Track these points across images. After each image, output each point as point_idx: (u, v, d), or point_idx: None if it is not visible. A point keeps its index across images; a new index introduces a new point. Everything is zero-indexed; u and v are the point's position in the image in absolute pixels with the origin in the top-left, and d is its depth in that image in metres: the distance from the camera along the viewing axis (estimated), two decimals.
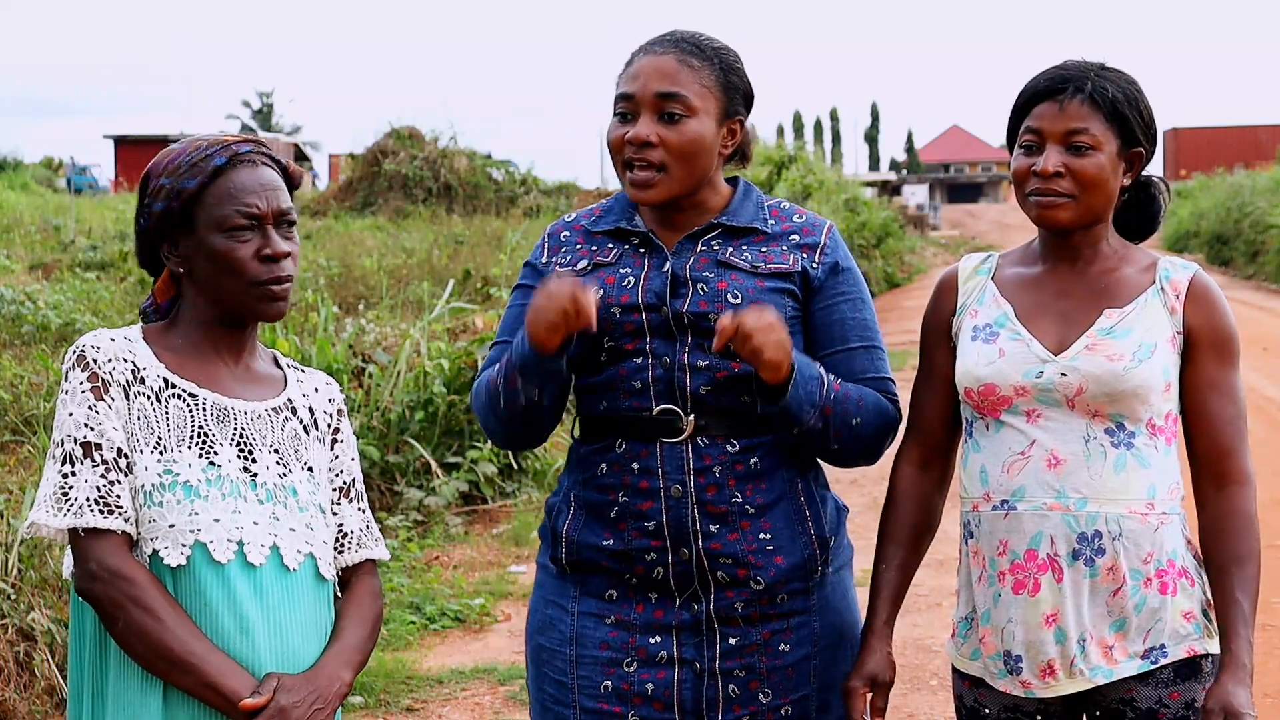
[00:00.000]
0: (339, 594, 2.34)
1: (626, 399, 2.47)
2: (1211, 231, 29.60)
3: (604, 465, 2.49)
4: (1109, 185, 2.40)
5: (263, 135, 46.06)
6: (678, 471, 2.45)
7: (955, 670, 2.54)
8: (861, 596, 2.58)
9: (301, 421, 2.31)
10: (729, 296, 2.46)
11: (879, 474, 10.04)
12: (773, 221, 2.56)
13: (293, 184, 2.32)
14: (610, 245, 2.55)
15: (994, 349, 2.43)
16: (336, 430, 2.38)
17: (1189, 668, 2.38)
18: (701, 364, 2.45)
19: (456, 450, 7.97)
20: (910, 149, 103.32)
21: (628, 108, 2.49)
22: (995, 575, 2.43)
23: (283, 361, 2.39)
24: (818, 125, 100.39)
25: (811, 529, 2.51)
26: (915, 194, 56.32)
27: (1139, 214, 2.53)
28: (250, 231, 2.21)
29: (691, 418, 2.45)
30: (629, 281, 2.49)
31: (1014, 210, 45.44)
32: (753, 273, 2.49)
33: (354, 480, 2.39)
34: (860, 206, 26.37)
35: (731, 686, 2.47)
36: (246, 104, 78.41)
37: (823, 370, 2.45)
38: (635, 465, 2.46)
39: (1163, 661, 2.37)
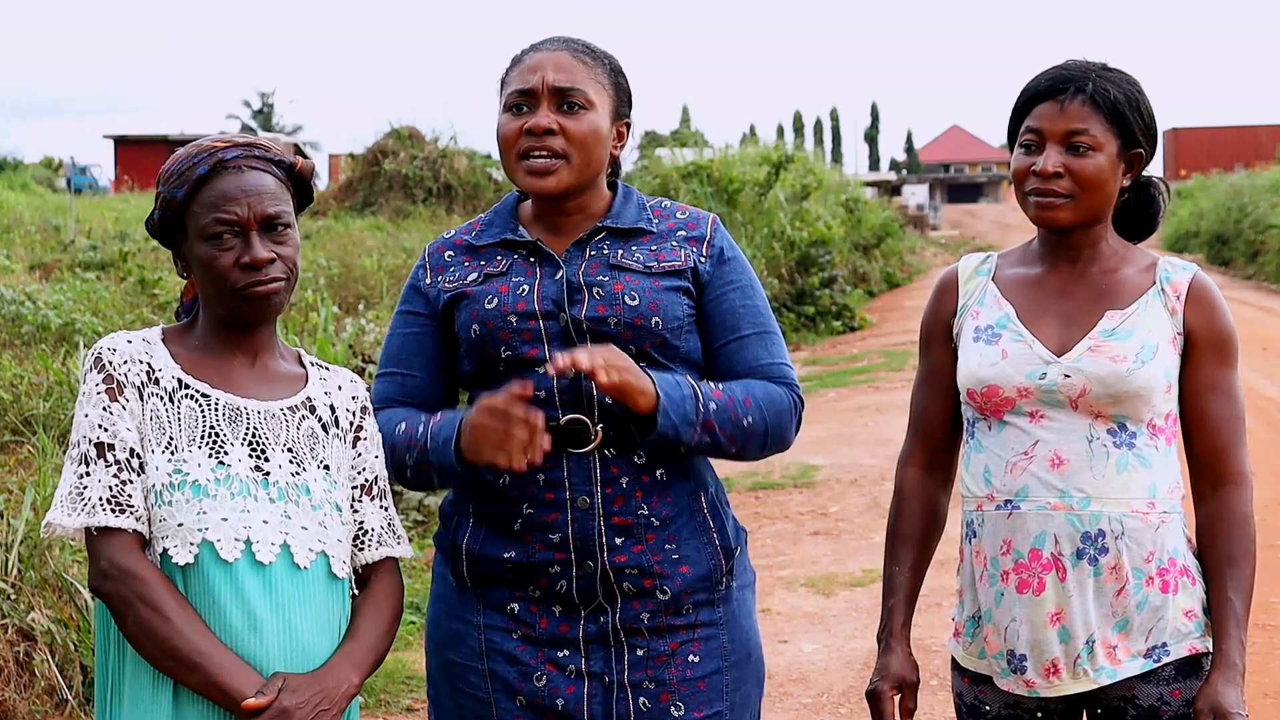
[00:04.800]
0: (357, 591, 2.34)
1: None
2: (1211, 232, 29.60)
3: (505, 478, 2.42)
4: (1108, 186, 2.40)
5: (263, 135, 45.96)
6: (585, 483, 2.41)
7: (955, 668, 2.54)
8: (866, 597, 2.57)
9: (320, 420, 2.32)
10: (626, 299, 2.43)
11: (879, 474, 10.03)
12: (657, 220, 2.54)
13: (303, 180, 2.32)
14: (499, 256, 2.51)
15: (996, 350, 2.43)
16: (359, 428, 2.38)
17: (1190, 665, 2.38)
18: None
19: None
20: (910, 149, 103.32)
21: (524, 101, 2.46)
22: (998, 575, 2.43)
23: (306, 360, 2.40)
24: (818, 125, 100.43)
25: (716, 539, 2.49)
26: (915, 194, 56.30)
27: (1138, 214, 2.53)
28: (232, 238, 2.22)
29: (600, 427, 2.40)
30: (523, 289, 2.46)
31: (1014, 210, 45.42)
32: (646, 273, 2.47)
33: (376, 478, 2.40)
34: (860, 206, 26.35)
35: (642, 700, 2.44)
36: (247, 104, 78.13)
37: (696, 384, 2.41)
38: (540, 477, 2.40)
39: (1165, 660, 2.37)
